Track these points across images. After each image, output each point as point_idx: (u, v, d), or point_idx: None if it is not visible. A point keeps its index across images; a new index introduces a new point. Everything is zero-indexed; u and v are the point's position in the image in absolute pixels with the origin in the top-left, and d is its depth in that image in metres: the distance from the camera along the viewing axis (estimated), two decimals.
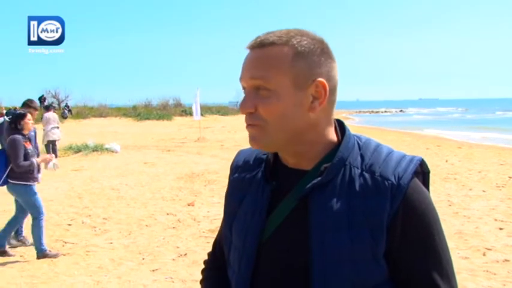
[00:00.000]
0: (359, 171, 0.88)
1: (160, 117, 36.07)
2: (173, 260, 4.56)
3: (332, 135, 0.93)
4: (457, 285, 0.89)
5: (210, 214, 6.26)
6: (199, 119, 19.17)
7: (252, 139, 0.90)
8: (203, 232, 5.46)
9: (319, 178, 0.87)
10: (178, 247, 4.91)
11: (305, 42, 0.87)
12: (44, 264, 4.49)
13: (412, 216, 0.85)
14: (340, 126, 0.96)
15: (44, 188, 8.44)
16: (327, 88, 0.87)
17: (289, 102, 0.86)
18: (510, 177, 8.60)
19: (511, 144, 16.57)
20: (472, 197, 7.05)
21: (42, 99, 31.78)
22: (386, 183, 0.84)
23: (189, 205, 6.82)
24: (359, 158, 0.90)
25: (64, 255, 4.75)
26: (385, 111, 69.37)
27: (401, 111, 72.18)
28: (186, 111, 39.00)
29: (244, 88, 0.90)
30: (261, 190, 0.95)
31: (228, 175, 1.08)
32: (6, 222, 4.83)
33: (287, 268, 0.89)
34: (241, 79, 0.90)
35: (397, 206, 0.83)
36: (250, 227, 0.94)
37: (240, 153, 1.10)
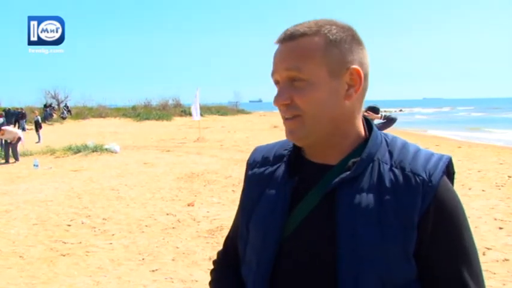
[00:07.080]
0: (388, 166, 0.87)
1: (159, 118, 36.13)
2: (173, 260, 4.56)
3: (361, 128, 0.93)
4: (485, 285, 0.86)
5: (210, 214, 6.26)
6: (199, 119, 19.17)
7: (290, 132, 0.89)
8: (203, 232, 5.46)
9: (348, 172, 0.86)
10: (178, 247, 4.91)
11: (335, 30, 0.87)
12: (43, 265, 4.49)
13: (443, 213, 0.83)
14: (366, 121, 0.96)
15: (43, 188, 8.45)
16: (362, 75, 0.87)
17: (325, 91, 0.85)
18: (509, 177, 8.59)
19: (510, 143, 16.59)
20: (472, 196, 7.05)
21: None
22: (417, 179, 0.83)
23: (188, 205, 6.81)
24: (387, 154, 0.89)
25: (64, 255, 4.76)
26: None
27: (400, 110, 72.15)
28: (186, 112, 39.01)
29: (277, 82, 0.90)
30: (283, 185, 0.92)
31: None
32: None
33: (311, 265, 0.86)
34: (273, 73, 0.90)
35: (428, 202, 0.82)
36: (270, 223, 0.90)
37: (257, 150, 1.07)
